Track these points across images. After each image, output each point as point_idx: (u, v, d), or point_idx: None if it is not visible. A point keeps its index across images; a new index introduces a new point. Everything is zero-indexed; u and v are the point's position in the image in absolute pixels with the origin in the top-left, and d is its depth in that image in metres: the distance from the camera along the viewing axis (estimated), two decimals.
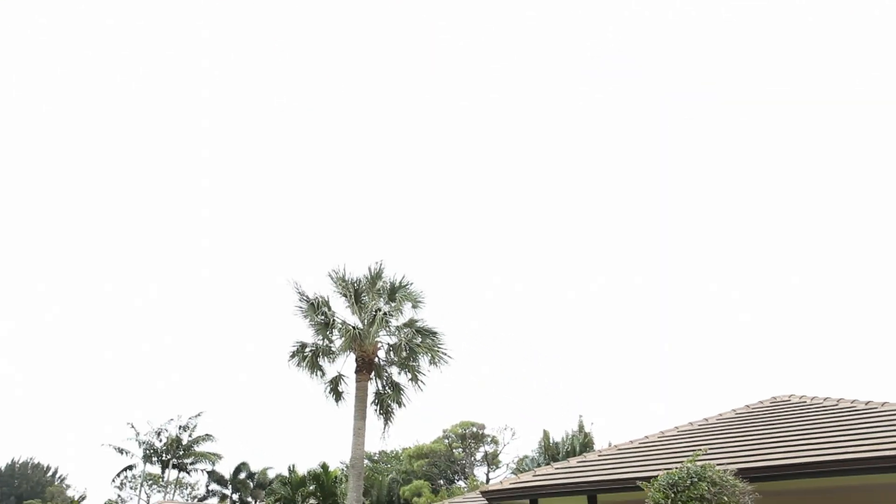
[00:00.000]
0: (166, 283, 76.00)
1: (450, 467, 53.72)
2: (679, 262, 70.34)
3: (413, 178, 72.97)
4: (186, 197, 68.66)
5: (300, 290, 18.05)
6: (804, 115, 59.00)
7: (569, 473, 13.68)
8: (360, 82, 65.09)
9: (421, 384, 17.98)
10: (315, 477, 25.22)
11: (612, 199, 68.90)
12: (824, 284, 64.91)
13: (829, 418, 13.13)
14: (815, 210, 61.25)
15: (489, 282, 78.91)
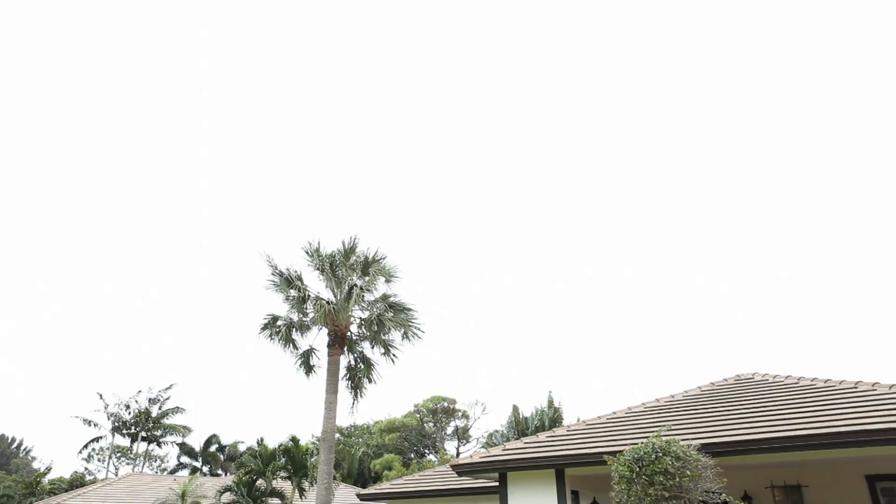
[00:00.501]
0: (137, 258, 74.83)
1: (421, 441, 54.32)
2: (653, 243, 71.29)
3: (393, 162, 72.47)
4: (161, 168, 67.30)
5: (272, 263, 17.89)
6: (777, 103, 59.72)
7: (537, 448, 13.90)
8: (348, 66, 64.16)
9: (393, 359, 18.05)
10: (285, 450, 25.22)
11: (580, 177, 69.29)
12: (796, 267, 66.38)
13: (790, 396, 13.51)
14: (785, 193, 62.38)
15: (463, 259, 79.15)
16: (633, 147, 65.33)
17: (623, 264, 72.16)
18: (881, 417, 10.69)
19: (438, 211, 74.48)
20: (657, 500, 9.80)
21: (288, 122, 72.71)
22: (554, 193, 71.15)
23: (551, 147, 67.38)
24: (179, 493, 27.94)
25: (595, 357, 75.43)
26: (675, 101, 62.08)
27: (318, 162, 72.68)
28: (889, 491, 14.28)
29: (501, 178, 71.90)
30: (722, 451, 11.13)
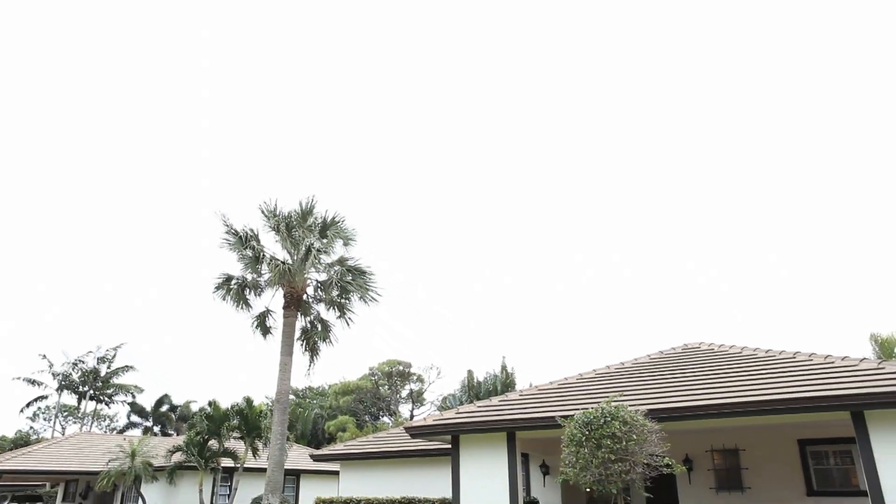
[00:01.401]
0: (86, 215, 72.31)
1: (375, 404, 54.79)
2: (613, 217, 72.44)
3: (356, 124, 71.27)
4: (119, 118, 64.66)
5: (228, 222, 17.50)
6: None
7: (490, 411, 14.18)
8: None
9: (349, 322, 18.03)
10: (238, 411, 25.11)
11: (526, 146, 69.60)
12: (746, 243, 68.53)
13: (733, 365, 14.06)
14: (738, 168, 63.96)
15: (422, 227, 79.07)
16: (612, 127, 65.78)
17: (581, 235, 73.28)
18: (814, 386, 11.24)
19: (381, 169, 74.03)
20: (604, 462, 10.15)
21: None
22: (493, 145, 71.35)
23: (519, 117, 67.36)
24: (129, 453, 27.65)
25: (550, 324, 76.90)
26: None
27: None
28: (817, 453, 15.15)
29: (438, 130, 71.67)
30: (667, 417, 11.55)
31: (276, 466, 15.71)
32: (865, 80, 55.75)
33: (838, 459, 14.98)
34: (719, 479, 15.73)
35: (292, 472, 30.69)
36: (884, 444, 10.46)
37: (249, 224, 17.66)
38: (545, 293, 78.17)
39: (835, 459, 15.02)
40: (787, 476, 15.06)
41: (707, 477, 15.82)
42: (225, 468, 27.28)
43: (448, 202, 77.39)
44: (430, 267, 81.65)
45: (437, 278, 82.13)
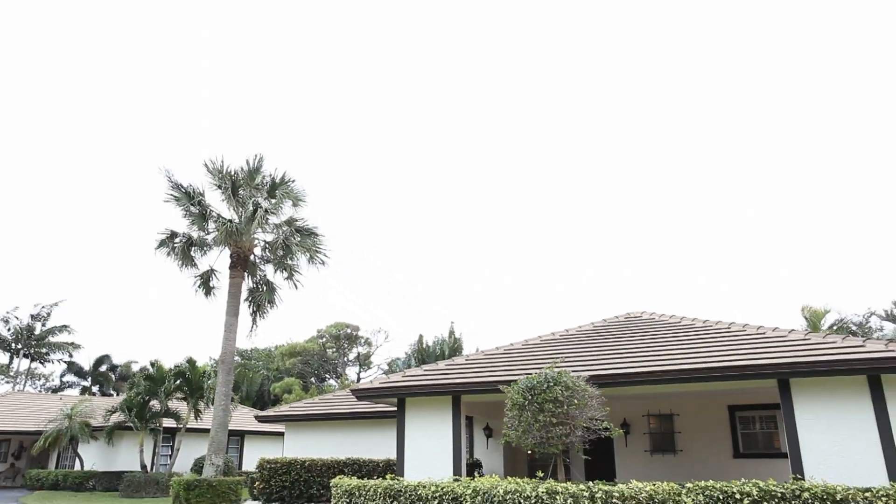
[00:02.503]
0: (27, 166, 68.60)
1: (322, 366, 54.78)
2: (561, 181, 73.21)
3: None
4: (61, 66, 61.03)
5: (172, 178, 16.89)
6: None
7: (436, 375, 14.35)
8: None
9: (297, 283, 17.81)
10: (180, 372, 24.66)
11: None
12: (698, 213, 70.50)
13: (671, 334, 14.57)
14: (686, 138, 65.41)
15: (376, 188, 78.32)
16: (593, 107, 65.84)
17: (531, 201, 73.95)
18: (745, 355, 11.78)
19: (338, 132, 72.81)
20: (546, 425, 10.44)
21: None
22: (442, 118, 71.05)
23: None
24: (67, 413, 26.95)
25: (500, 291, 77.90)
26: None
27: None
28: (745, 419, 16.00)
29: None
30: (607, 383, 11.93)
31: (220, 427, 15.58)
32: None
33: (763, 424, 15.85)
34: (654, 442, 16.44)
35: (236, 433, 30.57)
36: (805, 410, 11.09)
37: (195, 182, 17.11)
38: (496, 260, 79.04)
39: (760, 424, 15.89)
40: (716, 440, 15.86)
41: (643, 440, 16.51)
42: (167, 429, 26.93)
43: (398, 165, 76.81)
44: (380, 231, 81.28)
45: (388, 242, 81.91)
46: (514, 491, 9.50)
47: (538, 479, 10.15)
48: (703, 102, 63.04)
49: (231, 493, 14.31)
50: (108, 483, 25.82)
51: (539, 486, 9.34)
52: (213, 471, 14.95)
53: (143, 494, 22.71)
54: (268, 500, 18.57)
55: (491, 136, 69.99)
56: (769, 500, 9.37)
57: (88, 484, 26.08)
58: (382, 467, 17.84)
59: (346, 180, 76.41)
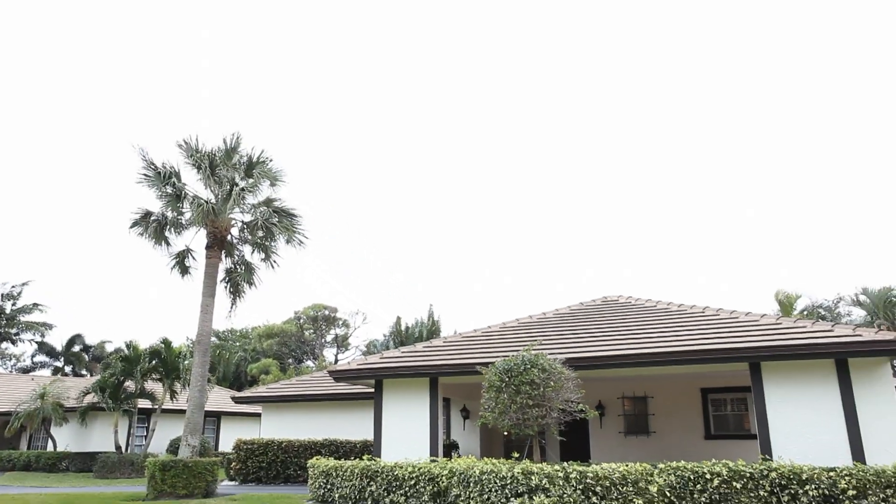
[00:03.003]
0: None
1: (299, 347, 54.64)
2: (540, 167, 73.37)
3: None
4: (39, 42, 59.25)
5: (147, 157, 16.54)
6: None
7: (413, 357, 14.41)
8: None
9: (274, 265, 17.66)
10: (155, 352, 24.40)
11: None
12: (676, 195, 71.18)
13: (647, 318, 14.77)
14: (660, 123, 65.87)
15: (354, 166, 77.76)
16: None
17: (511, 183, 74.01)
18: (718, 339, 11.99)
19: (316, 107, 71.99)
20: (522, 407, 10.56)
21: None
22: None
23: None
24: (40, 394, 26.60)
25: (480, 274, 78.17)
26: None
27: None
28: (716, 401, 16.35)
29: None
30: (583, 366, 12.08)
31: (196, 408, 15.49)
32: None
33: (734, 406, 16.21)
34: (628, 424, 16.73)
35: (213, 414, 30.44)
36: (775, 393, 11.35)
37: (171, 161, 16.82)
38: (476, 244, 79.17)
39: (731, 406, 16.25)
40: (689, 421, 16.19)
41: (617, 422, 16.79)
42: (142, 409, 26.71)
43: (378, 147, 76.27)
44: (359, 213, 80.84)
45: (367, 225, 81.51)
46: (491, 471, 9.60)
47: (514, 459, 10.27)
48: (671, 80, 63.42)
49: (207, 473, 14.26)
50: (82, 464, 25.61)
51: (515, 467, 9.45)
52: (189, 452, 14.88)
53: (117, 475, 22.57)
54: (244, 481, 18.59)
55: (472, 115, 69.77)
56: (738, 479, 9.61)
57: (62, 465, 25.84)
58: (360, 448, 17.93)
59: (325, 162, 75.75)
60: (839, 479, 9.24)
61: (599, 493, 9.24)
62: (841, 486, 9.16)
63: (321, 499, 12.27)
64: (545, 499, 8.97)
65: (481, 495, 9.57)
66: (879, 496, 9.03)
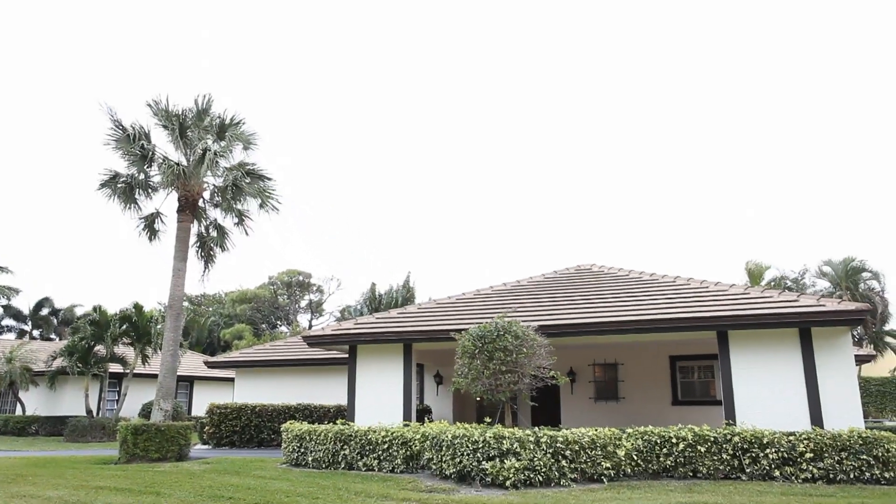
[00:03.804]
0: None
1: (273, 313, 54.46)
2: (518, 136, 73.07)
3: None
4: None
5: (115, 116, 16.04)
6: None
7: (388, 323, 14.45)
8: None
9: (248, 229, 17.42)
10: (126, 317, 24.09)
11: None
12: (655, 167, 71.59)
13: (619, 286, 14.97)
14: (634, 93, 65.97)
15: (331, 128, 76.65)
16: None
17: (490, 152, 73.74)
18: (688, 308, 12.22)
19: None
20: (495, 373, 10.69)
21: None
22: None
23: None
24: (7, 357, 26.18)
25: (456, 242, 78.27)
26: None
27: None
28: (684, 368, 16.75)
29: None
30: (555, 333, 12.23)
31: (168, 372, 15.38)
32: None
33: (701, 374, 16.63)
34: (598, 390, 17.08)
35: (185, 379, 30.33)
36: (741, 360, 11.65)
37: (140, 121, 16.33)
38: (452, 210, 79.04)
39: (698, 374, 16.67)
40: (657, 388, 16.57)
41: (588, 388, 17.12)
42: (113, 374, 26.49)
43: (355, 116, 75.16)
44: (336, 179, 80.00)
45: (343, 192, 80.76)
46: (463, 436, 9.76)
47: (486, 424, 10.44)
48: (640, 53, 63.31)
49: (180, 437, 14.24)
50: (52, 428, 25.41)
51: (487, 432, 9.61)
52: (162, 416, 14.82)
53: (88, 439, 22.46)
54: (218, 445, 18.63)
55: (451, 80, 69.00)
56: (703, 443, 9.92)
57: (31, 429, 25.62)
58: (333, 413, 18.05)
59: (301, 128, 74.48)
60: (798, 442, 9.60)
61: (569, 456, 9.47)
62: (799, 449, 9.52)
63: (295, 462, 12.38)
64: (516, 462, 9.17)
65: (453, 459, 9.74)
66: (835, 458, 9.41)
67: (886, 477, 9.22)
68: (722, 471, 9.77)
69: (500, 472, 9.10)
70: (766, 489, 8.68)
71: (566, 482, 9.26)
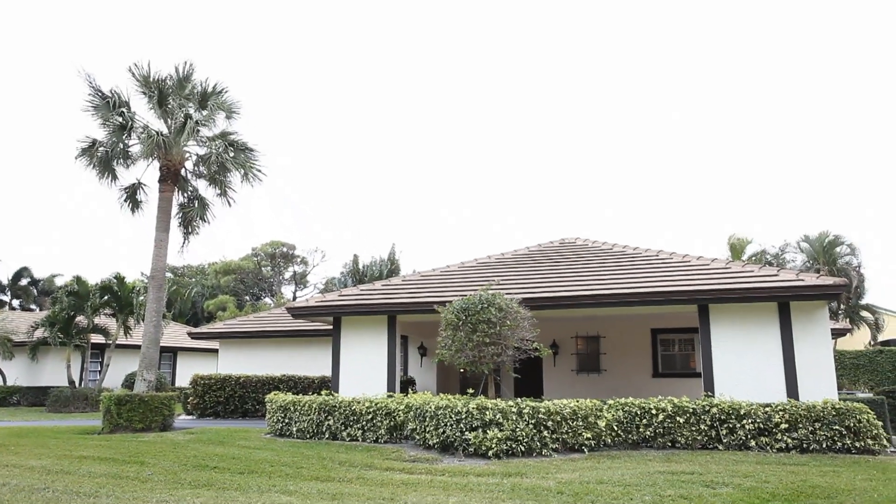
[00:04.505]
0: None
1: (257, 284, 54.25)
2: (503, 106, 72.51)
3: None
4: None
5: (93, 83, 15.66)
6: None
7: (372, 295, 14.46)
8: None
9: (231, 201, 17.23)
10: (107, 287, 23.87)
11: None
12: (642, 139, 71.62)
13: (603, 260, 15.07)
14: (613, 66, 65.62)
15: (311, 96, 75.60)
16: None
17: (475, 123, 73.24)
18: (670, 281, 12.35)
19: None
20: (478, 345, 10.78)
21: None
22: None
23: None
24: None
25: (441, 214, 78.11)
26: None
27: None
28: (665, 340, 17.00)
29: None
30: (539, 305, 12.33)
31: (151, 343, 15.32)
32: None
33: (682, 346, 16.90)
34: (580, 362, 17.30)
35: (169, 350, 30.25)
36: (721, 334, 11.84)
37: (119, 87, 15.95)
38: (437, 182, 78.74)
39: (679, 346, 16.93)
40: (638, 360, 16.82)
41: (570, 360, 17.33)
42: (96, 345, 26.34)
43: (339, 87, 74.11)
44: (321, 151, 79.15)
45: (328, 163, 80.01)
46: (446, 406, 9.86)
47: (469, 395, 10.55)
48: (623, 20, 62.92)
49: (164, 407, 14.24)
50: (34, 398, 25.29)
51: (470, 402, 9.72)
52: (146, 386, 14.80)
53: (71, 410, 22.40)
54: (202, 415, 18.68)
55: (434, 50, 68.19)
56: (682, 414, 10.12)
57: (12, 399, 25.48)
58: (317, 384, 18.14)
59: (286, 98, 73.39)
60: (774, 413, 9.83)
61: (551, 427, 9.62)
62: (775, 420, 9.75)
63: (279, 432, 12.46)
64: (499, 433, 9.30)
65: (437, 429, 9.85)
66: (808, 429, 9.66)
67: (857, 446, 9.49)
68: (700, 441, 9.99)
69: (482, 443, 9.23)
70: (742, 458, 8.89)
71: (548, 452, 9.42)
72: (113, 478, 7.84)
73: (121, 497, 6.63)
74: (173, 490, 7.02)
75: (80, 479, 7.77)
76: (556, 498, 6.39)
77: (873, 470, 7.96)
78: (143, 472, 8.19)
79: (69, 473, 8.14)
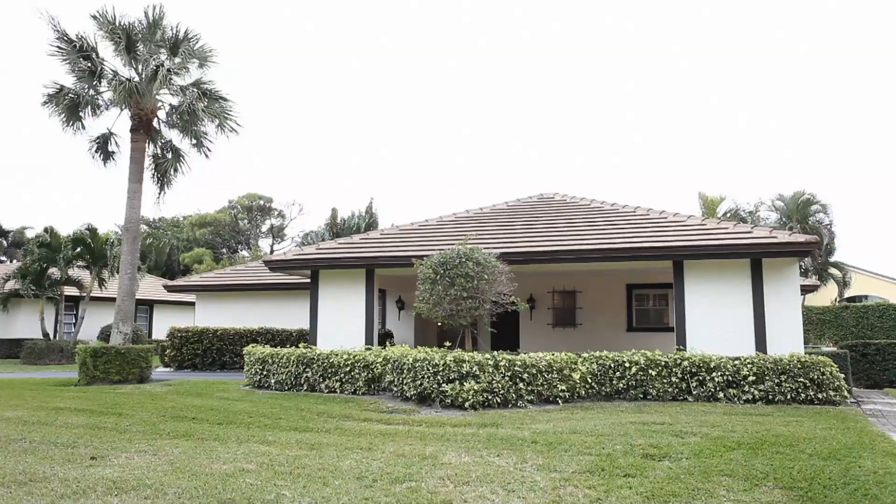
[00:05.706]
0: None
1: (234, 237, 53.75)
2: (484, 63, 71.33)
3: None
4: None
5: (58, 27, 15.04)
6: None
7: (350, 249, 14.43)
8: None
9: (206, 152, 16.84)
10: (79, 239, 23.46)
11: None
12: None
13: (581, 216, 15.14)
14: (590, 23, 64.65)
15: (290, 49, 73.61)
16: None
17: (453, 80, 72.06)
18: (646, 237, 12.49)
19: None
20: (456, 299, 10.86)
21: None
22: None
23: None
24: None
25: (421, 169, 77.43)
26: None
27: None
28: (640, 296, 17.30)
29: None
30: (517, 260, 12.41)
31: (127, 295, 15.17)
32: None
33: (656, 301, 17.22)
34: (556, 316, 17.55)
35: (145, 303, 30.04)
36: (694, 288, 12.07)
37: (87, 32, 15.34)
38: (416, 136, 77.82)
39: (653, 302, 17.25)
40: (613, 315, 17.12)
41: (546, 315, 17.58)
42: (70, 297, 26.04)
43: (318, 38, 72.03)
44: (299, 102, 77.49)
45: (306, 114, 78.44)
46: (424, 359, 9.99)
47: (447, 348, 10.68)
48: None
49: (141, 360, 14.21)
50: (8, 350, 25.09)
51: (447, 355, 9.85)
52: (122, 339, 14.72)
53: (46, 362, 22.27)
54: (179, 368, 18.72)
55: (419, 5, 66.40)
56: (654, 367, 10.38)
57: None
58: (296, 337, 18.21)
59: (262, 45, 71.26)
60: (742, 366, 10.12)
61: (526, 379, 9.81)
62: (743, 373, 10.05)
63: (257, 384, 12.54)
64: (475, 384, 9.46)
65: (415, 381, 10.00)
66: (774, 381, 9.98)
67: (820, 398, 9.84)
68: (671, 393, 10.27)
69: (459, 394, 9.39)
70: (711, 409, 9.18)
71: (523, 404, 9.63)
72: (91, 428, 7.86)
73: (99, 447, 6.65)
74: (152, 440, 7.06)
75: (58, 429, 7.78)
76: (530, 447, 6.56)
77: (833, 419, 8.28)
78: (121, 423, 8.22)
79: (46, 424, 8.14)
